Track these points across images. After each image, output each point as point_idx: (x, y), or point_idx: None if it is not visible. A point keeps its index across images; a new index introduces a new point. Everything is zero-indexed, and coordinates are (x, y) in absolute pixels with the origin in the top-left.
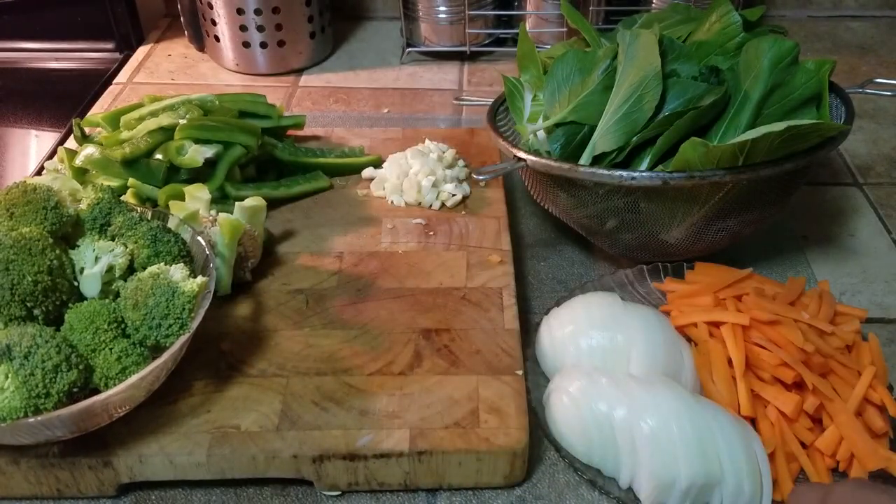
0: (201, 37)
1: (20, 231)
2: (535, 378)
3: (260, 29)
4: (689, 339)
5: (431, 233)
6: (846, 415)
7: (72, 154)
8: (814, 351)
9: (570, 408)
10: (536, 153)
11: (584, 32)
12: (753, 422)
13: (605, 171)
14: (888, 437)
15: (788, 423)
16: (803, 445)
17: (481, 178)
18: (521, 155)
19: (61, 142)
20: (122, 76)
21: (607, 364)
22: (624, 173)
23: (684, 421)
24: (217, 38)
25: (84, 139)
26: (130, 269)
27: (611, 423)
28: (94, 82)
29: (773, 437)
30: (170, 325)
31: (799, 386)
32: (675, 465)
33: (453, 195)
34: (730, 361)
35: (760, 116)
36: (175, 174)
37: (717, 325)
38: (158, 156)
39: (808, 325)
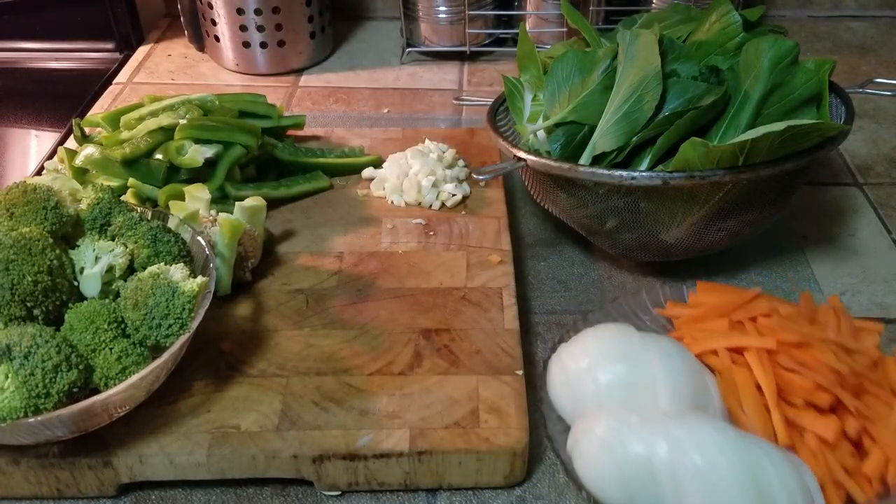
0: (201, 37)
1: (20, 231)
2: (552, 424)
3: (260, 29)
4: (709, 369)
5: (431, 233)
6: (891, 434)
7: (72, 154)
8: (847, 371)
9: (603, 453)
10: (536, 153)
11: (584, 32)
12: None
13: (605, 171)
14: None
15: (829, 449)
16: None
17: (481, 178)
18: (521, 155)
19: (61, 142)
20: (122, 76)
21: (631, 400)
22: (624, 173)
23: (731, 455)
24: (217, 38)
25: (84, 139)
26: (130, 269)
27: (650, 466)
28: (94, 82)
29: (816, 465)
30: (170, 325)
31: (833, 410)
32: (728, 502)
33: (453, 195)
34: (758, 388)
35: (760, 116)
36: (175, 174)
37: (738, 350)
38: (158, 156)
39: (836, 343)
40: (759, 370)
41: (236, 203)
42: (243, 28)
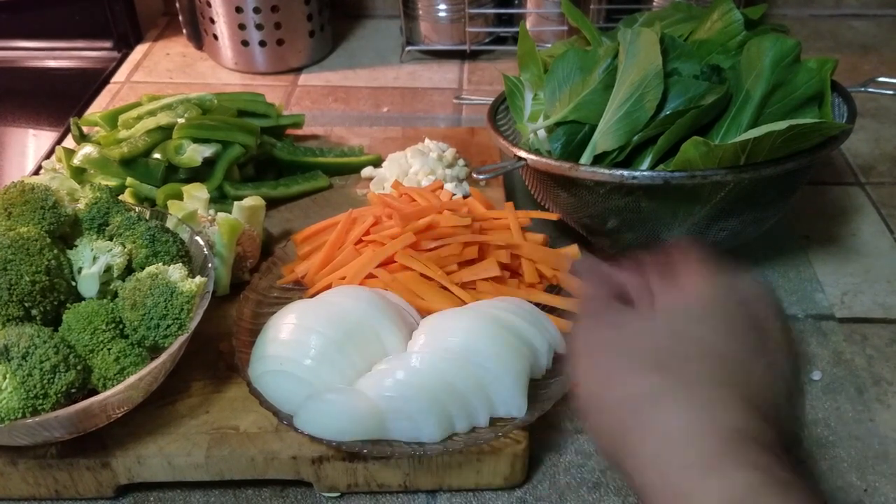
0: (200, 35)
1: (18, 231)
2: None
3: (259, 27)
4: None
5: None
6: (529, 245)
7: (70, 153)
8: (470, 220)
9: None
10: (537, 152)
11: (584, 31)
12: None
13: (606, 171)
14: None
15: (501, 283)
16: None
17: (481, 177)
18: (522, 154)
19: (59, 141)
20: (120, 75)
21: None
22: (625, 172)
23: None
24: (216, 37)
25: (82, 138)
26: (129, 269)
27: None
28: (93, 81)
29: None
30: (168, 326)
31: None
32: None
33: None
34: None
35: (762, 115)
36: (173, 173)
37: (387, 263)
38: (157, 155)
39: (446, 209)
40: (417, 265)
41: (235, 203)
42: (242, 26)
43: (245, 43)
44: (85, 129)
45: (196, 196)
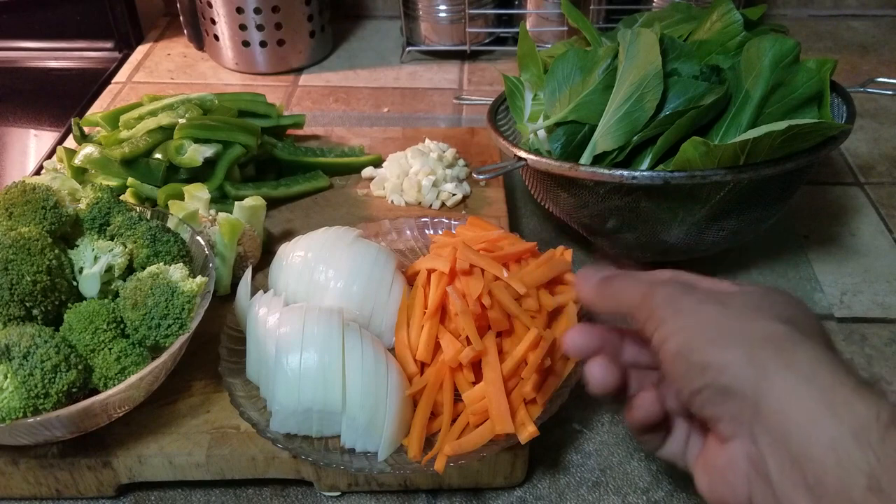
0: (201, 36)
1: (19, 231)
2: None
3: (259, 28)
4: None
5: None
6: (494, 374)
7: (71, 153)
8: (491, 305)
9: (255, 327)
10: (537, 152)
11: (584, 31)
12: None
13: (606, 171)
14: (541, 404)
15: (452, 371)
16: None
17: (481, 177)
18: (522, 154)
19: (60, 141)
20: (121, 75)
21: (305, 292)
22: (625, 172)
23: (314, 353)
24: (216, 38)
25: (83, 138)
26: (129, 269)
27: (269, 349)
28: (94, 81)
29: (434, 381)
30: (169, 325)
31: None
32: (295, 391)
33: (453, 195)
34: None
35: (761, 116)
36: (174, 173)
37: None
38: (158, 155)
39: (501, 280)
40: (432, 289)
41: (236, 203)
42: (243, 27)
43: (246, 43)
44: (86, 129)
45: (197, 196)
